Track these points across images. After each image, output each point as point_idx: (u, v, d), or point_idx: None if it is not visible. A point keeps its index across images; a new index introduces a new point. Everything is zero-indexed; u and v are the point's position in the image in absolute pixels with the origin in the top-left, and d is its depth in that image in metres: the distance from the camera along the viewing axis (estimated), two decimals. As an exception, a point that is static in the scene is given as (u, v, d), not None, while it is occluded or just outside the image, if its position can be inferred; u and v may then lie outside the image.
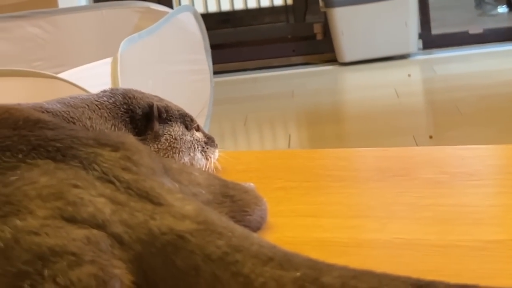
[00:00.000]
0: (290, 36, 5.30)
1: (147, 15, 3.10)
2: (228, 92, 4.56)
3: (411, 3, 4.86)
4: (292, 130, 3.93)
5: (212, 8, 5.26)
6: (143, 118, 1.03)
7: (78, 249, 0.63)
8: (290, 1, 5.27)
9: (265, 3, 5.29)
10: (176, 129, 1.05)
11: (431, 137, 3.34)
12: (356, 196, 1.01)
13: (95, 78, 2.17)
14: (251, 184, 0.94)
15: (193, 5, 5.11)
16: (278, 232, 0.88)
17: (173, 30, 2.81)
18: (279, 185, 1.06)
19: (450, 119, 3.59)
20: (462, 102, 3.76)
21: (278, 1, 5.29)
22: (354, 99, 4.36)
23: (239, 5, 5.30)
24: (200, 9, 5.08)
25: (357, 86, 4.65)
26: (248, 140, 3.80)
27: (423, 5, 5.01)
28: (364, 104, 4.10)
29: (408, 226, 0.88)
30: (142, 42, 2.48)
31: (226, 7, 5.29)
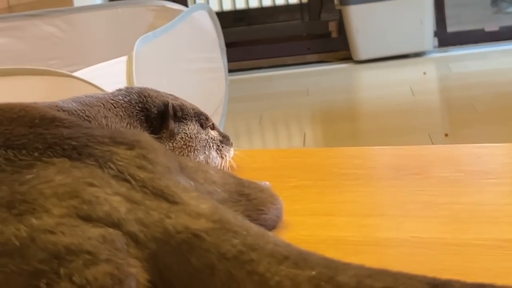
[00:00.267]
0: (305, 34, 5.29)
1: (162, 14, 3.11)
2: (243, 91, 4.56)
3: (426, 0, 4.85)
4: (307, 128, 3.92)
5: (227, 6, 5.27)
6: (158, 117, 1.03)
7: (94, 248, 0.63)
8: (305, -1, 5.28)
9: (280, 1, 5.29)
10: (191, 127, 1.05)
11: (446, 135, 3.33)
12: (371, 195, 1.01)
13: (110, 77, 2.18)
14: (266, 183, 0.94)
15: (208, 3, 5.12)
16: (293, 230, 0.88)
17: (188, 28, 2.81)
18: (294, 183, 1.06)
19: (465, 117, 3.58)
20: (477, 100, 3.75)
21: (293, -1, 5.30)
22: (369, 97, 4.36)
23: (254, 3, 5.30)
24: (215, 7, 5.08)
25: (372, 84, 4.63)
26: (263, 138, 3.79)
27: (439, 2, 4.99)
28: (379, 102, 4.09)
29: (423, 225, 0.88)
30: (157, 41, 2.49)
31: (241, 5, 5.29)
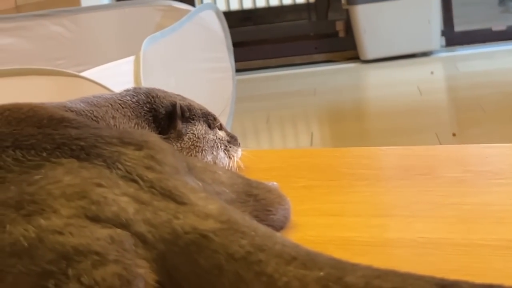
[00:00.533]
0: (312, 34, 5.29)
1: (169, 13, 3.11)
2: (250, 90, 4.56)
3: (434, 0, 4.84)
4: (315, 128, 3.92)
5: (234, 6, 5.26)
6: (166, 117, 1.03)
7: (102, 248, 0.63)
8: (312, -2, 5.27)
9: (287, 0, 5.28)
10: (199, 128, 1.05)
11: (454, 134, 3.32)
12: (379, 195, 1.01)
13: (117, 77, 2.18)
14: (274, 183, 0.94)
15: (215, 3, 5.12)
16: (301, 231, 0.88)
17: (195, 28, 2.81)
18: (302, 184, 1.06)
19: (473, 117, 3.57)
20: (485, 99, 3.74)
21: (300, -2, 5.29)
22: (377, 97, 4.35)
23: (261, 3, 5.30)
24: (222, 7, 5.08)
25: (379, 84, 4.63)
26: (271, 138, 3.79)
27: (446, 2, 4.99)
28: (387, 101, 4.09)
29: (431, 225, 0.88)
30: (164, 41, 2.49)
31: (248, 5, 5.29)
